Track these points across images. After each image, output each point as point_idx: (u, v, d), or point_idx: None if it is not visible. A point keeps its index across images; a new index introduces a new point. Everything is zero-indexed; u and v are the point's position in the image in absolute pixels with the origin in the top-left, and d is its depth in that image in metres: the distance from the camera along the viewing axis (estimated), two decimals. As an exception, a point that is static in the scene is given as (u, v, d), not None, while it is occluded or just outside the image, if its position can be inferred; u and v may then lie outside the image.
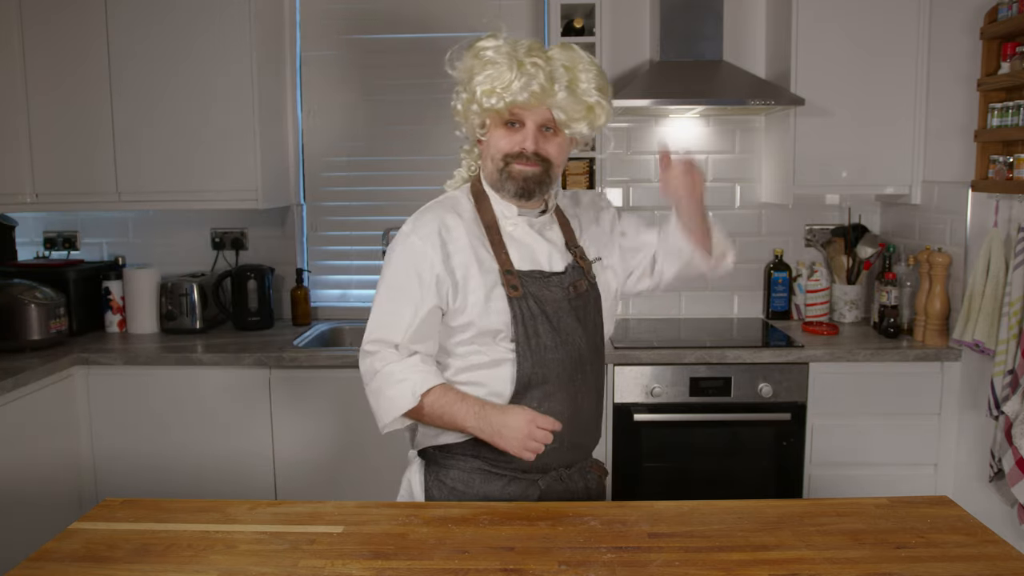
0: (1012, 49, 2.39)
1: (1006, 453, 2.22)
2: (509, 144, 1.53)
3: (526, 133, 1.51)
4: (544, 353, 1.51)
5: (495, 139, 1.55)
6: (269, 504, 1.48)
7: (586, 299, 1.58)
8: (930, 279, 2.69)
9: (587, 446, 1.63)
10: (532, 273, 1.54)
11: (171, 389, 2.70)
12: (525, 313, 1.50)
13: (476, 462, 1.54)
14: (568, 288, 1.56)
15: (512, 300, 1.50)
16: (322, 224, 3.30)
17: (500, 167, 1.54)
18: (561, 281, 1.56)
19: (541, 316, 1.51)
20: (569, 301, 1.55)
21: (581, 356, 1.55)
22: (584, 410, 1.58)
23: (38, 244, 3.31)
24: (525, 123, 1.52)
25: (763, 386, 2.64)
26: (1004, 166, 2.37)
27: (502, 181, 1.54)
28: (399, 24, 3.18)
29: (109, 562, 1.26)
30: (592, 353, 1.58)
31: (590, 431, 1.62)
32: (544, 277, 1.55)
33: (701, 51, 2.88)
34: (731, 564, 1.23)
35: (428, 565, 1.24)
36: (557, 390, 1.52)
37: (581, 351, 1.55)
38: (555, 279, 1.55)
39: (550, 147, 1.53)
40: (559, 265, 1.58)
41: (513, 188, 1.54)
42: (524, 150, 1.51)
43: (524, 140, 1.51)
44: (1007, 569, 1.22)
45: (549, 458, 1.51)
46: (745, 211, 3.22)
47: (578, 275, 1.58)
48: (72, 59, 2.87)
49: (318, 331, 3.08)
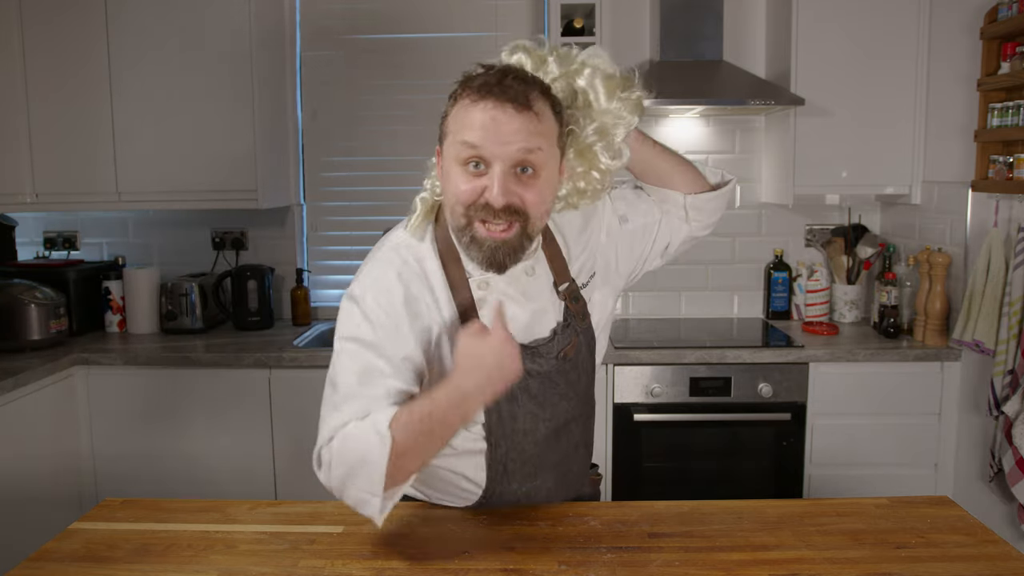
0: (1012, 49, 2.38)
1: (1006, 453, 2.22)
2: (469, 191, 1.16)
3: (491, 177, 1.15)
4: (523, 437, 1.32)
5: (451, 177, 1.19)
6: (269, 504, 1.48)
7: (577, 359, 1.34)
8: (930, 279, 2.69)
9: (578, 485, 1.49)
10: None
11: (171, 389, 2.70)
12: (502, 399, 1.25)
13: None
14: (556, 356, 1.31)
15: None
16: (322, 224, 3.30)
17: (460, 223, 1.19)
18: (549, 350, 1.31)
19: (523, 394, 1.29)
20: (558, 369, 1.31)
21: (568, 419, 1.37)
22: (573, 468, 1.44)
23: (38, 244, 3.31)
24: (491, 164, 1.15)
25: (763, 386, 2.64)
26: (1004, 166, 2.37)
27: (464, 244, 1.21)
28: (399, 24, 3.18)
29: (109, 562, 1.26)
30: (580, 406, 1.39)
31: (581, 478, 1.49)
32: (528, 350, 1.28)
33: (701, 51, 2.88)
34: (731, 564, 1.23)
35: (428, 565, 1.24)
36: (540, 468, 1.35)
37: (567, 415, 1.36)
38: (543, 348, 1.30)
39: (528, 194, 1.17)
40: (545, 329, 1.32)
41: (479, 257, 1.20)
42: (490, 203, 1.16)
43: (488, 189, 1.15)
44: (1007, 569, 1.22)
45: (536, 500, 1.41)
46: (745, 211, 3.22)
47: (569, 336, 1.33)
48: (72, 59, 2.87)
49: (318, 331, 3.08)
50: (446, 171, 1.22)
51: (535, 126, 1.16)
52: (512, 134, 1.14)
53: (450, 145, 1.20)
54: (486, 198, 1.15)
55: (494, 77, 1.17)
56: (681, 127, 3.17)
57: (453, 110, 1.21)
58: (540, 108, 1.18)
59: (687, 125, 3.17)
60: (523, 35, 3.11)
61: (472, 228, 1.18)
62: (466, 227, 1.19)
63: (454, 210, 1.20)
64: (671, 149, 1.42)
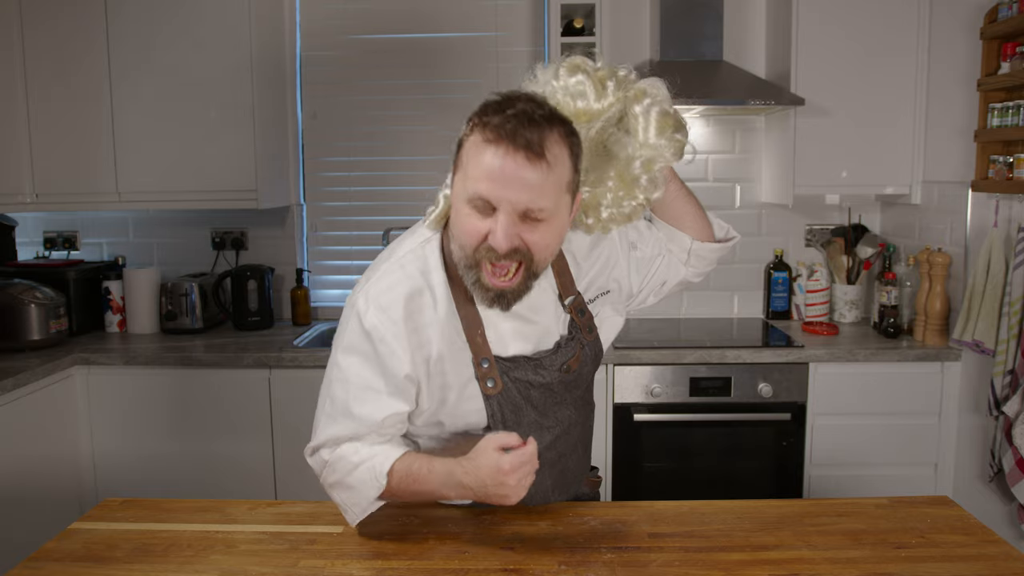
0: (1012, 49, 2.38)
1: (1006, 453, 2.22)
2: (474, 232, 1.14)
3: (496, 222, 1.12)
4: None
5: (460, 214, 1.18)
6: (269, 504, 1.48)
7: (580, 367, 1.36)
8: (930, 279, 2.69)
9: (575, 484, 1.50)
10: (516, 360, 1.29)
11: (171, 389, 2.70)
12: (506, 409, 1.29)
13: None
14: (561, 368, 1.32)
15: (489, 399, 1.28)
16: (322, 224, 3.30)
17: (468, 261, 1.18)
18: (553, 362, 1.31)
19: (526, 406, 1.30)
20: (561, 381, 1.33)
21: (569, 424, 1.39)
22: (571, 468, 1.45)
23: (38, 244, 3.31)
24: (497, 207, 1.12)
25: (763, 386, 2.64)
26: (1004, 166, 2.37)
27: (470, 282, 1.20)
28: (399, 24, 3.18)
29: (109, 562, 1.26)
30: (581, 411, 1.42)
31: (579, 472, 1.49)
32: (531, 361, 1.30)
33: (701, 51, 2.88)
34: (731, 564, 1.23)
35: (428, 565, 1.24)
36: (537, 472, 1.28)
37: (570, 420, 1.39)
38: (546, 360, 1.31)
39: (533, 237, 1.15)
40: (550, 341, 1.32)
41: (484, 299, 1.20)
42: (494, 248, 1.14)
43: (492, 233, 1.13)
44: (1007, 569, 1.22)
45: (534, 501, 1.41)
46: (745, 211, 3.22)
47: (573, 349, 1.33)
48: (72, 59, 2.87)
49: (318, 331, 3.08)
50: (455, 205, 1.20)
51: (545, 177, 1.12)
52: (520, 188, 1.11)
53: (460, 180, 1.18)
54: (490, 242, 1.14)
55: (512, 122, 1.12)
56: (681, 127, 3.17)
57: (468, 141, 1.17)
58: (554, 155, 1.14)
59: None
60: (523, 35, 3.14)
61: (479, 270, 1.18)
62: (473, 267, 1.18)
63: (461, 245, 1.19)
64: (693, 194, 1.47)
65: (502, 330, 1.29)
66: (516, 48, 3.17)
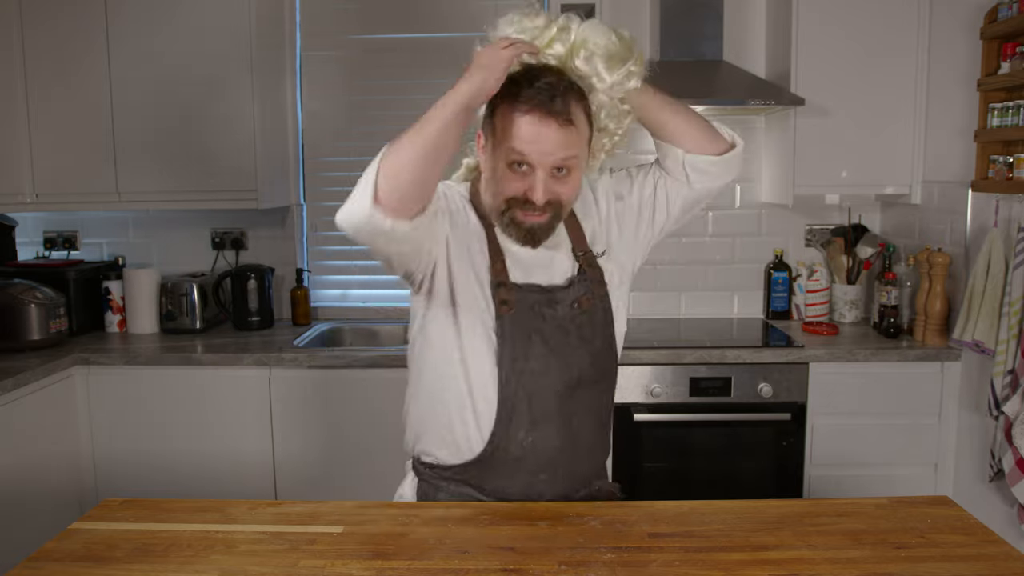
0: (1012, 49, 2.38)
1: (1006, 453, 2.22)
2: (514, 190, 1.33)
3: (535, 180, 1.31)
4: (532, 379, 1.37)
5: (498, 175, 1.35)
6: (269, 504, 1.48)
7: (592, 313, 1.43)
8: (930, 279, 2.69)
9: (587, 474, 1.50)
10: (530, 287, 1.39)
11: (171, 389, 2.70)
12: (517, 333, 1.36)
13: (467, 489, 1.45)
14: (572, 304, 1.41)
15: (502, 318, 1.36)
16: (322, 224, 3.30)
17: (501, 209, 1.35)
18: (565, 296, 1.40)
19: (536, 336, 1.37)
20: (572, 319, 1.40)
21: (581, 377, 1.42)
22: (583, 436, 1.45)
23: (38, 244, 3.31)
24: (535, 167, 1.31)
25: (763, 386, 2.64)
26: (1004, 166, 2.37)
27: (503, 225, 1.36)
28: (399, 24, 3.18)
29: (109, 562, 1.26)
30: (596, 372, 1.44)
31: (592, 456, 1.50)
32: (543, 292, 1.39)
33: (701, 51, 2.88)
34: (731, 564, 1.23)
35: (428, 565, 1.24)
36: (545, 419, 1.39)
37: (581, 372, 1.41)
38: (557, 294, 1.40)
39: (563, 189, 1.33)
40: (561, 278, 1.42)
41: (516, 236, 1.36)
42: (532, 200, 1.32)
43: (532, 190, 1.31)
44: (1007, 569, 1.22)
45: (543, 487, 1.44)
46: (745, 211, 3.22)
47: (583, 289, 1.42)
48: (72, 59, 2.87)
49: (318, 331, 3.09)
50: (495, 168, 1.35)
51: (574, 137, 1.31)
52: (555, 147, 1.30)
53: (498, 146, 1.33)
54: (528, 196, 1.32)
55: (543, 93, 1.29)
56: (681, 127, 3.17)
57: (501, 108, 1.33)
58: (578, 119, 1.33)
59: (687, 125, 3.17)
60: (523, 35, 3.13)
61: (512, 213, 1.34)
62: (507, 211, 1.35)
63: (496, 198, 1.36)
64: (679, 103, 1.45)
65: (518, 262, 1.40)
66: (516, 48, 3.16)
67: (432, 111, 1.25)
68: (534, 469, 1.42)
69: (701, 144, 1.45)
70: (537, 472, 1.43)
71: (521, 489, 1.43)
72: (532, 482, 1.43)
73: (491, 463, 1.41)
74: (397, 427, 2.85)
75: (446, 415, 1.41)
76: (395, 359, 2.66)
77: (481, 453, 1.40)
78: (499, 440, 1.39)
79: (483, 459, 1.41)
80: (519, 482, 1.43)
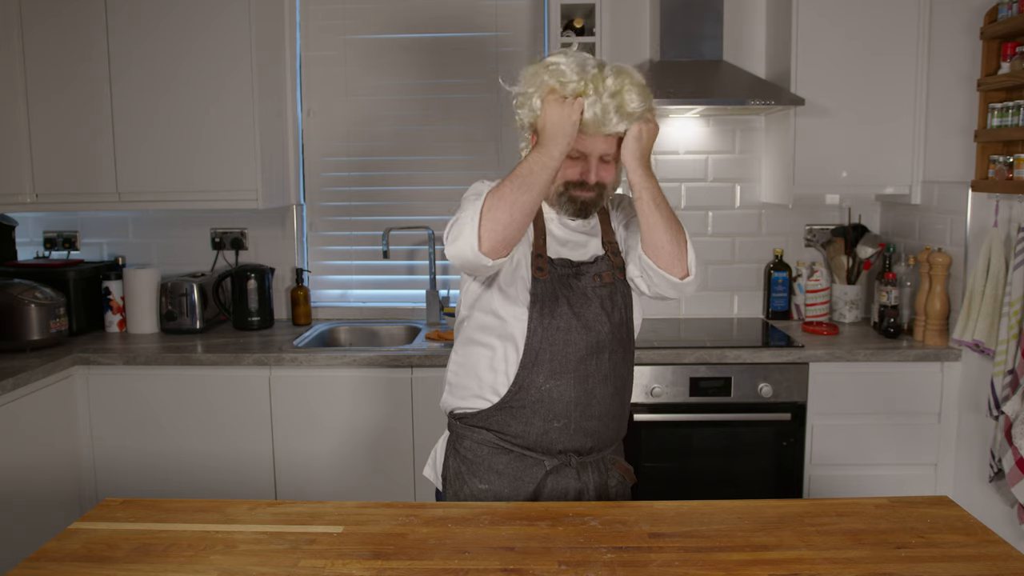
0: (1012, 49, 2.39)
1: (1006, 453, 2.22)
2: (572, 175, 1.60)
3: (589, 165, 1.59)
4: (556, 334, 1.57)
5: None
6: (269, 504, 1.48)
7: (613, 289, 1.64)
8: (930, 279, 2.69)
9: (600, 433, 1.63)
10: (562, 261, 1.63)
11: (171, 389, 2.70)
12: (547, 294, 1.58)
13: (488, 435, 1.61)
14: (595, 277, 1.63)
15: (537, 281, 1.58)
16: (322, 224, 3.30)
17: (560, 191, 1.61)
18: (589, 270, 1.64)
19: (563, 300, 1.59)
20: (595, 289, 1.62)
21: (599, 343, 1.60)
22: (596, 397, 1.60)
23: (38, 244, 3.31)
24: (588, 156, 1.58)
25: (763, 386, 2.64)
26: (1004, 166, 2.37)
27: (560, 203, 1.62)
28: (399, 24, 3.18)
29: (109, 562, 1.26)
30: (616, 343, 1.63)
31: (605, 420, 1.63)
32: (572, 266, 1.63)
33: (701, 51, 2.88)
34: (731, 564, 1.23)
35: (428, 565, 1.24)
36: (564, 371, 1.57)
37: (600, 338, 1.60)
38: (583, 268, 1.64)
39: (607, 174, 1.62)
40: (589, 256, 1.66)
41: (571, 210, 1.62)
42: (587, 182, 1.59)
43: (588, 173, 1.59)
44: (1007, 569, 1.22)
45: (555, 436, 1.58)
46: (745, 211, 3.22)
47: (606, 266, 1.65)
48: (72, 59, 2.87)
49: (318, 331, 3.09)
50: None
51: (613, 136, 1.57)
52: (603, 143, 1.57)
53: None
54: (584, 177, 1.59)
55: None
56: (681, 127, 3.18)
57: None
58: None
59: (687, 125, 3.18)
60: (523, 35, 3.14)
61: (569, 193, 1.60)
62: (565, 192, 1.60)
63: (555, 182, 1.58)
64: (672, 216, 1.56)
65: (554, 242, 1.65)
66: (516, 48, 3.17)
67: (531, 174, 1.45)
68: (548, 416, 1.58)
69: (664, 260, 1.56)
70: (551, 419, 1.58)
71: (537, 435, 1.59)
72: (547, 428, 1.58)
73: (511, 407, 1.58)
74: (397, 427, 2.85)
75: (483, 360, 1.62)
76: (395, 359, 2.66)
77: (505, 395, 1.58)
78: (522, 382, 1.57)
79: (506, 403, 1.59)
80: (535, 428, 1.58)
